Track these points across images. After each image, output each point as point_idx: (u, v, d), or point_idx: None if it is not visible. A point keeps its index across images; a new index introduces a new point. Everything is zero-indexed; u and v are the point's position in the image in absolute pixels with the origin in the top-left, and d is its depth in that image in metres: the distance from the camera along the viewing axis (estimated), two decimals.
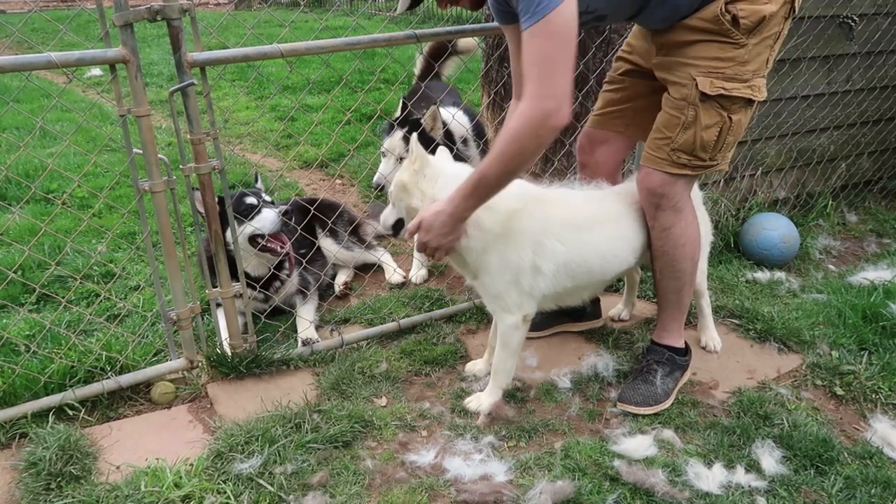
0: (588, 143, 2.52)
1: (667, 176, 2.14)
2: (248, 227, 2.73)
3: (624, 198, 2.35)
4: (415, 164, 2.16)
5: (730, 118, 2.06)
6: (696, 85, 2.00)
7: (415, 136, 2.23)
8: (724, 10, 1.93)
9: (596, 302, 2.74)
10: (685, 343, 2.46)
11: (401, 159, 3.16)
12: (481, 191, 1.96)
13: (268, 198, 2.85)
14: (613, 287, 3.10)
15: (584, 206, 2.30)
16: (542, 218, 2.18)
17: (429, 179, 2.16)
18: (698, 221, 2.30)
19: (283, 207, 2.76)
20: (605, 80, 2.48)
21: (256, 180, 3.00)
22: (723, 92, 2.00)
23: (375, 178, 3.30)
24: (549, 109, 1.77)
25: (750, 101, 2.07)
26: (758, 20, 1.94)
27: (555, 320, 2.69)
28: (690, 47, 2.01)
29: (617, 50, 2.47)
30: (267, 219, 2.73)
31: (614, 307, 2.92)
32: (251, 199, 2.76)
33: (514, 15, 1.87)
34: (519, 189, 2.16)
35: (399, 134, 3.22)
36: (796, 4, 2.01)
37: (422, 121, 3.17)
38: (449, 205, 2.00)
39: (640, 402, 2.29)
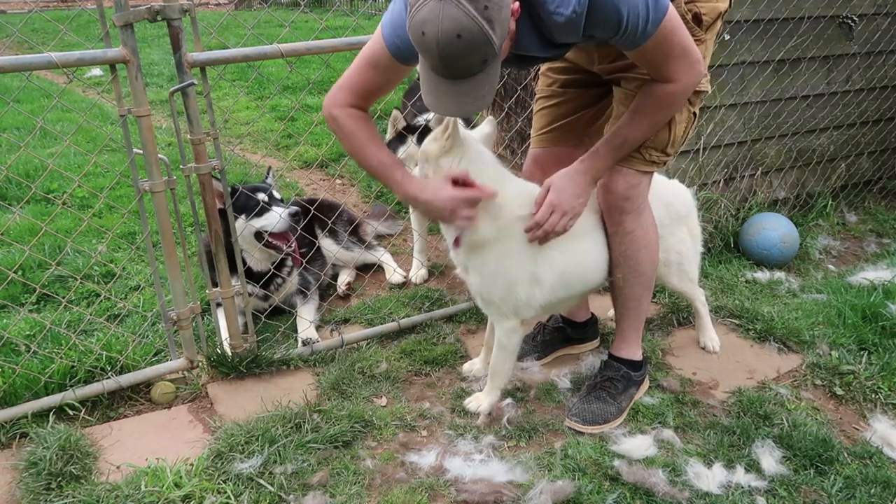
0: (537, 167, 2.39)
1: (633, 176, 2.08)
2: (256, 223, 2.74)
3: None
4: (445, 141, 2.04)
5: (694, 113, 2.08)
6: None
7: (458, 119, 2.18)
8: (685, 9, 1.92)
9: (594, 323, 2.72)
10: (643, 355, 2.40)
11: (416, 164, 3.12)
12: (621, 153, 2.00)
13: (277, 194, 2.86)
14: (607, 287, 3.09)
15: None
16: None
17: (452, 159, 2.04)
18: (657, 224, 2.23)
19: (294, 208, 2.76)
20: (540, 96, 2.36)
21: (268, 175, 3.00)
22: (695, 87, 2.00)
23: None
24: (700, 72, 1.86)
25: (703, 94, 2.10)
26: (716, 16, 1.97)
27: (557, 345, 2.66)
28: None
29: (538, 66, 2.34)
30: (274, 218, 2.73)
31: (611, 309, 2.92)
32: (262, 195, 2.77)
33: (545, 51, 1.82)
34: (529, 192, 2.12)
35: (411, 141, 3.16)
36: (731, 1, 2.06)
37: (429, 124, 3.13)
38: (581, 164, 2.00)
39: (590, 420, 2.24)
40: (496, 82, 1.68)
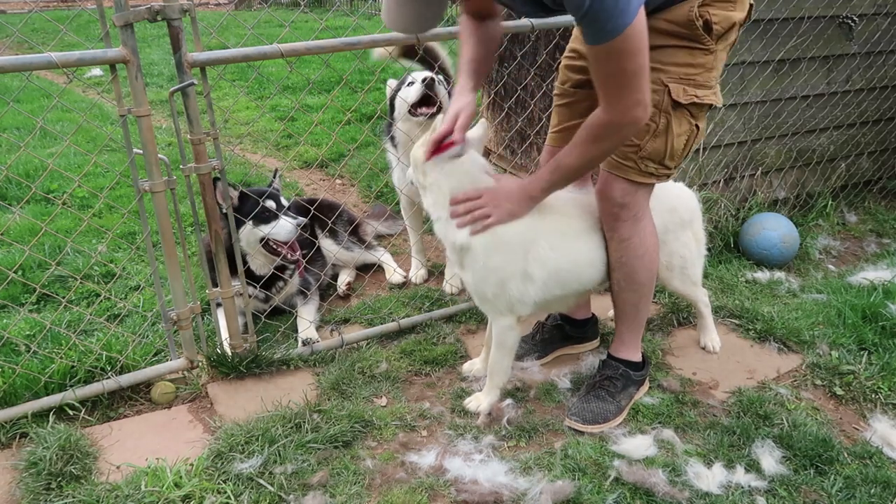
0: None
1: (629, 185, 2.07)
2: (262, 230, 2.74)
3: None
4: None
5: (697, 126, 2.04)
6: (669, 92, 1.94)
7: (439, 118, 2.20)
8: (697, 13, 1.88)
9: (594, 323, 2.72)
10: (643, 356, 2.40)
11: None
12: (556, 178, 2.02)
13: (285, 201, 2.85)
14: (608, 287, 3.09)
15: (573, 214, 2.23)
16: (531, 223, 2.12)
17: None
18: (656, 231, 2.22)
19: (301, 219, 2.77)
20: (556, 92, 2.38)
21: (274, 178, 2.98)
22: (695, 100, 1.96)
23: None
24: (637, 116, 1.79)
25: (710, 108, 2.05)
26: (728, 26, 1.92)
27: (556, 344, 2.66)
28: (658, 51, 1.92)
29: (559, 61, 2.35)
30: (284, 228, 2.73)
31: (611, 309, 2.91)
32: (270, 202, 2.76)
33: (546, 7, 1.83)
34: None
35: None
36: (752, 13, 2.01)
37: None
38: (526, 178, 2.06)
39: (589, 419, 2.23)
40: (443, 11, 1.78)
